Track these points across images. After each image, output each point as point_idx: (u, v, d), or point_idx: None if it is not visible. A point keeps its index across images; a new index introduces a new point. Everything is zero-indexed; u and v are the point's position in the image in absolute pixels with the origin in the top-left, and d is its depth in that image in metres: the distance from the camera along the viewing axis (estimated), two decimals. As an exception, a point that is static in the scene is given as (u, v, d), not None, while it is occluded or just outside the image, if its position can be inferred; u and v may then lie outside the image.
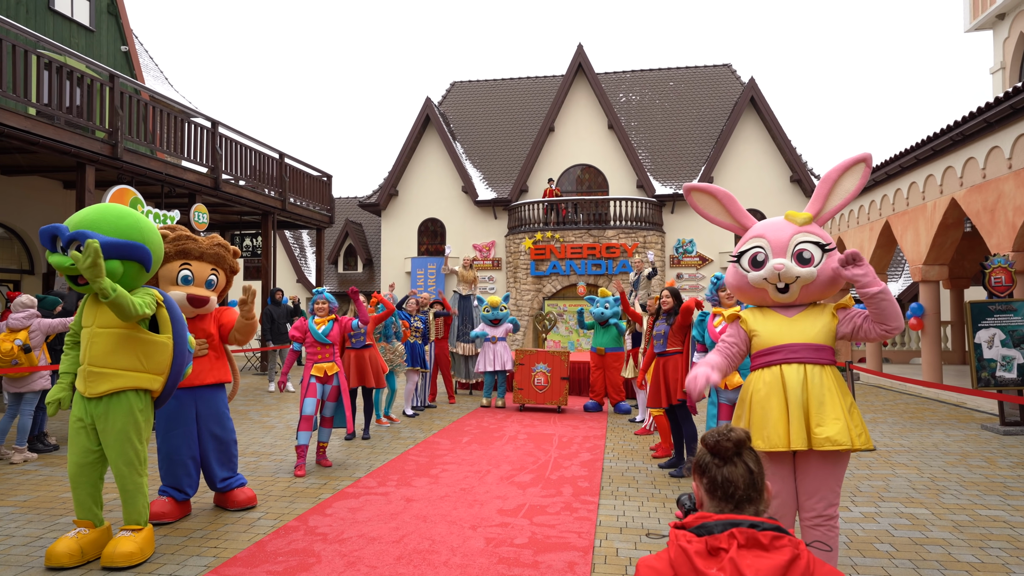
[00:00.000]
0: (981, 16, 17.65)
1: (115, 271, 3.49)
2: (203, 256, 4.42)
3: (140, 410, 3.61)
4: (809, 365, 2.89)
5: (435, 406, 9.44)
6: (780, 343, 2.96)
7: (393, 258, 22.27)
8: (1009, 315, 7.66)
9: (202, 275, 4.39)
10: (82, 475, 3.57)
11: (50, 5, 12.31)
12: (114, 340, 3.54)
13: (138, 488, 3.60)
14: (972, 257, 15.46)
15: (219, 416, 4.52)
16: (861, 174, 2.96)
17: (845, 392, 2.92)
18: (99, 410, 3.53)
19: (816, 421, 2.81)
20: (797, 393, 2.85)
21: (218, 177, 11.81)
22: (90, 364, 3.52)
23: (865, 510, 4.58)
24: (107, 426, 3.52)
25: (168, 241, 4.31)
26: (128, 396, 3.57)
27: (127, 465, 3.56)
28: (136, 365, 3.58)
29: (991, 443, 6.98)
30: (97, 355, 3.52)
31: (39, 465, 5.81)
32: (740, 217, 3.22)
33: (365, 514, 4.39)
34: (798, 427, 2.82)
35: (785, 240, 2.96)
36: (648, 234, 19.48)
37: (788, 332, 2.96)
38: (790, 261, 2.93)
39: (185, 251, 4.36)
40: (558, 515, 4.40)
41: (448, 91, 25.35)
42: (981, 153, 9.61)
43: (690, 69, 24.43)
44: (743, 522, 1.41)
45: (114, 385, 3.52)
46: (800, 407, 2.84)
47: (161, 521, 4.15)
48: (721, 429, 1.56)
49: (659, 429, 6.26)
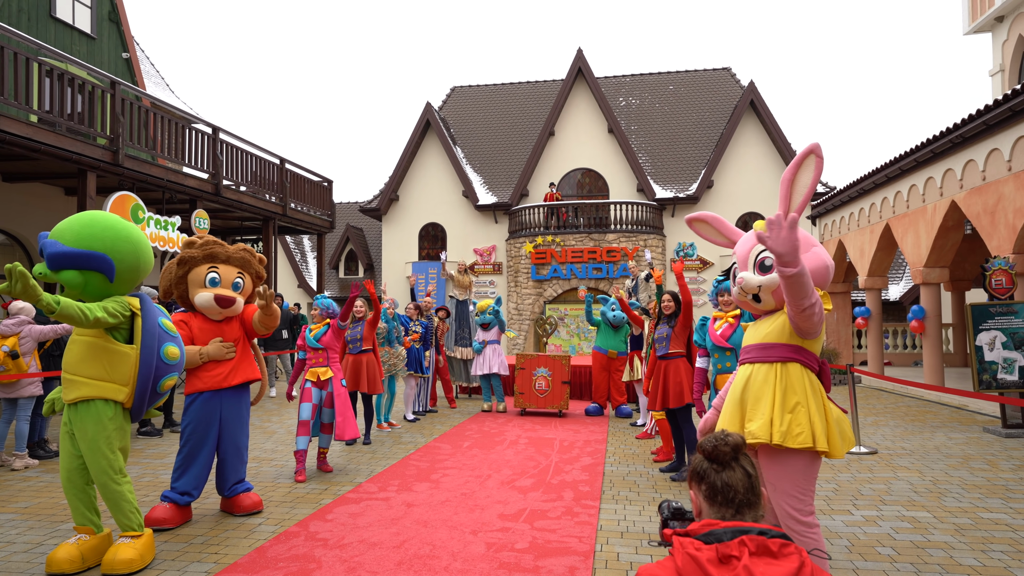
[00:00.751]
0: (980, 19, 17.67)
1: (72, 281, 3.47)
2: (229, 260, 4.51)
3: (109, 418, 3.57)
4: (757, 364, 2.99)
5: (436, 411, 9.43)
6: (743, 346, 3.14)
7: (394, 263, 22.28)
8: (1010, 317, 7.66)
9: (228, 278, 4.48)
10: (70, 480, 3.58)
11: (51, 12, 12.36)
12: (84, 348, 3.56)
13: (119, 496, 3.58)
14: (973, 259, 15.45)
15: (241, 421, 4.57)
16: (814, 166, 2.96)
17: (797, 390, 2.89)
18: (75, 417, 3.56)
19: (748, 417, 2.93)
20: (737, 391, 3.00)
21: (219, 183, 11.84)
22: (65, 371, 3.58)
23: (867, 513, 4.57)
24: (80, 434, 3.54)
25: (196, 247, 4.44)
26: (96, 405, 3.56)
27: (102, 473, 3.55)
28: (102, 374, 3.57)
29: (993, 446, 6.97)
30: (70, 362, 3.57)
31: (40, 471, 5.81)
32: (730, 234, 3.39)
33: (366, 519, 4.38)
34: (732, 423, 2.97)
35: (747, 253, 3.08)
36: (649, 238, 19.49)
37: (750, 335, 3.12)
38: (752, 271, 3.03)
39: (212, 255, 4.46)
40: (559, 520, 4.40)
41: (448, 96, 25.40)
42: (981, 155, 9.62)
43: (690, 73, 24.47)
44: (752, 529, 1.41)
45: (82, 393, 3.53)
46: (737, 404, 2.98)
47: (162, 527, 4.15)
48: (717, 434, 1.56)
49: (661, 432, 6.26)
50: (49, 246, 3.42)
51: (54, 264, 3.42)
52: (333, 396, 5.77)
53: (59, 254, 3.42)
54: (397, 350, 8.13)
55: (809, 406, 2.90)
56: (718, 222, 3.43)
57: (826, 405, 2.95)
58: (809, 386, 2.94)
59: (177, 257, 4.49)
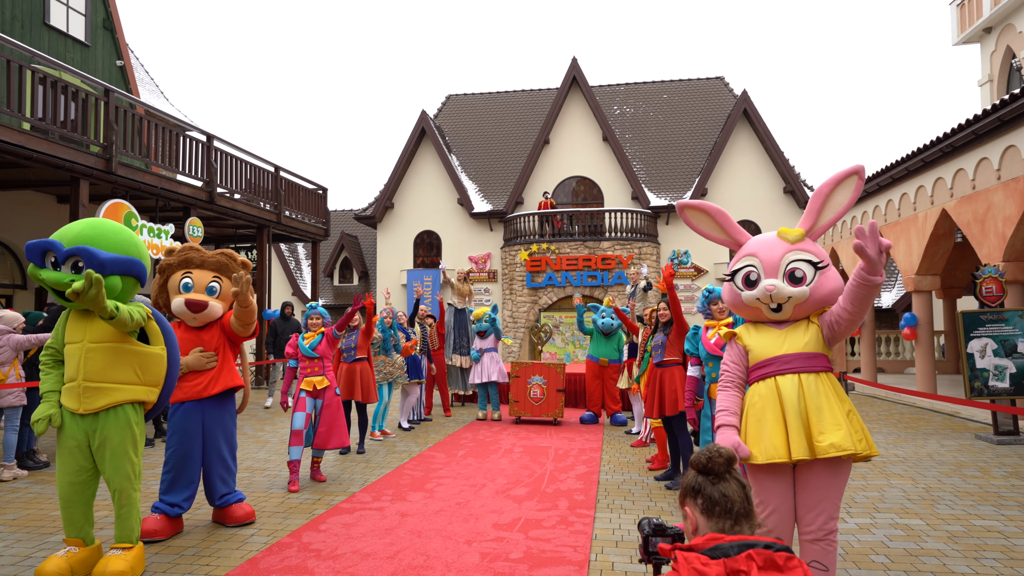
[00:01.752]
0: (968, 30, 17.87)
1: (115, 287, 3.50)
2: (204, 264, 4.48)
3: (136, 423, 3.60)
4: (804, 374, 2.89)
5: (431, 419, 9.41)
6: (773, 355, 2.96)
7: (389, 271, 22.26)
8: (1001, 325, 7.71)
9: (203, 282, 4.43)
10: (76, 494, 3.53)
11: (45, 20, 12.35)
12: (110, 354, 3.52)
13: (133, 503, 3.58)
14: (964, 267, 15.55)
15: (226, 430, 4.53)
16: (854, 187, 2.91)
17: (843, 398, 2.90)
18: (95, 426, 3.50)
19: (818, 429, 2.78)
20: (794, 402, 2.83)
21: (213, 191, 11.82)
22: (86, 380, 3.47)
23: (860, 521, 4.58)
24: (105, 441, 3.49)
25: (174, 254, 4.45)
26: (126, 409, 3.56)
27: (125, 479, 3.53)
28: (133, 378, 3.58)
29: (985, 453, 7.00)
30: (94, 370, 3.49)
31: (29, 482, 5.76)
32: (734, 233, 3.22)
33: (359, 530, 4.36)
34: (798, 437, 2.80)
35: (777, 259, 2.95)
36: (643, 245, 19.54)
37: (780, 344, 2.97)
38: (782, 281, 2.92)
39: (187, 260, 4.46)
40: (554, 529, 4.38)
41: (444, 104, 25.46)
42: (970, 164, 9.70)
43: (683, 82, 24.62)
44: (758, 543, 1.41)
45: (112, 399, 3.50)
46: (798, 416, 2.82)
47: (152, 539, 4.11)
48: (710, 448, 1.56)
49: (657, 440, 6.26)
50: (91, 253, 3.39)
51: (100, 270, 3.40)
52: (326, 406, 5.74)
53: (109, 260, 3.43)
54: (394, 359, 8.11)
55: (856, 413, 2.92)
56: (721, 216, 3.21)
57: None
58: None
59: (157, 267, 4.50)
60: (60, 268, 3.44)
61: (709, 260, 20.55)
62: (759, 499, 2.89)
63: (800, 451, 2.77)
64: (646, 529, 1.69)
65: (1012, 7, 16.33)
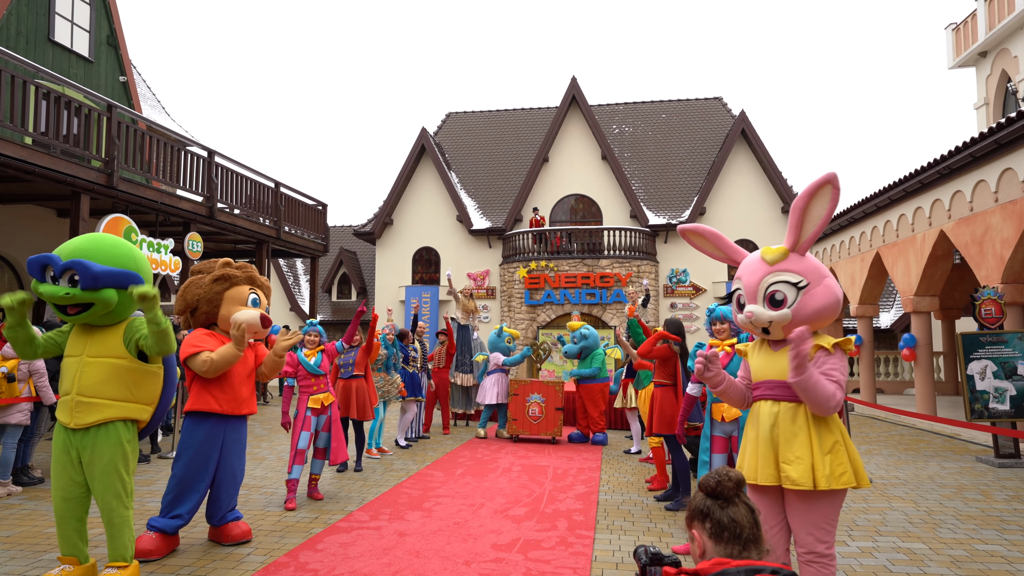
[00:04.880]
0: (964, 54, 18.08)
1: (110, 300, 3.48)
2: (262, 286, 4.62)
3: (128, 440, 3.56)
4: (784, 402, 2.91)
5: (428, 437, 9.35)
6: (762, 378, 3.02)
7: (387, 287, 22.25)
8: (1000, 346, 7.70)
9: (263, 302, 4.59)
10: (68, 510, 3.49)
11: (50, 36, 12.45)
12: (106, 370, 3.51)
13: (124, 521, 3.53)
14: (962, 288, 15.59)
15: (241, 449, 4.52)
16: (830, 196, 2.86)
17: (831, 429, 2.87)
18: (85, 441, 3.47)
19: (784, 459, 2.85)
20: (766, 430, 2.91)
21: (213, 206, 11.85)
22: (79, 394, 3.46)
23: (862, 544, 4.54)
24: (94, 458, 3.46)
25: (235, 266, 4.52)
26: (117, 426, 3.52)
27: (115, 497, 3.49)
28: (127, 395, 3.55)
29: (986, 476, 6.96)
30: (88, 385, 3.47)
31: (24, 499, 5.69)
32: (730, 252, 3.26)
33: (357, 549, 4.31)
34: (765, 463, 2.88)
35: (756, 283, 2.95)
36: (642, 264, 19.57)
37: (769, 367, 2.99)
38: (762, 305, 2.93)
39: (253, 278, 4.55)
40: (553, 550, 4.34)
41: (443, 121, 25.62)
42: (968, 186, 9.76)
43: (682, 102, 24.81)
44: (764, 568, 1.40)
45: (103, 416, 3.47)
46: (769, 444, 2.89)
47: (148, 558, 4.06)
48: (719, 471, 1.55)
49: (655, 460, 6.22)
50: (85, 266, 3.39)
51: (93, 283, 3.39)
52: (331, 421, 5.75)
53: (102, 272, 3.42)
54: (392, 377, 8.08)
55: (846, 443, 2.87)
56: (716, 238, 3.27)
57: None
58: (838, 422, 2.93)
59: (216, 274, 4.43)
60: (58, 282, 3.44)
61: (708, 279, 20.59)
62: None
63: (766, 478, 2.86)
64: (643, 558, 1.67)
65: (1007, 32, 16.55)
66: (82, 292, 3.39)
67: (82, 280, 3.38)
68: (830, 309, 2.90)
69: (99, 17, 13.76)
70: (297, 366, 5.71)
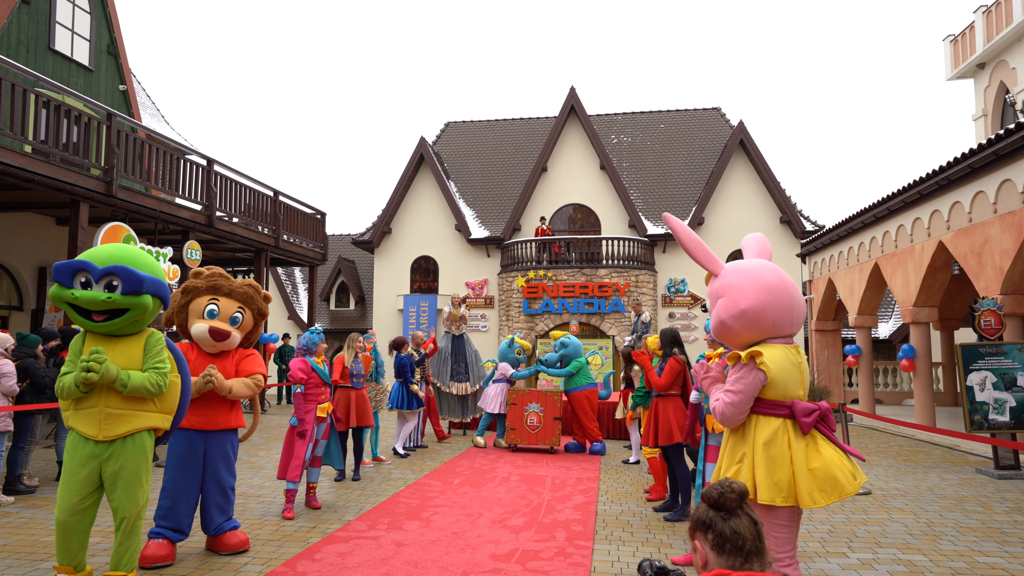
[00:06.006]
0: (962, 65, 18.18)
1: (147, 306, 3.51)
2: (232, 293, 4.50)
3: (149, 449, 3.61)
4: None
5: (426, 446, 9.32)
6: None
7: (385, 295, 22.23)
8: (1000, 358, 7.70)
9: (228, 311, 4.45)
10: (78, 523, 3.47)
11: (50, 45, 12.48)
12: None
13: (137, 532, 3.54)
14: (961, 299, 15.59)
15: (227, 460, 4.47)
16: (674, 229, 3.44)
17: (745, 441, 3.02)
18: (111, 452, 3.46)
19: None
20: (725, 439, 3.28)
21: (212, 214, 11.85)
22: (107, 406, 3.46)
23: (863, 556, 4.51)
24: (121, 469, 3.46)
25: (202, 277, 4.46)
26: (143, 436, 3.56)
27: (134, 506, 3.50)
28: (151, 405, 3.59)
29: (986, 487, 6.94)
30: (116, 397, 3.47)
31: (20, 507, 5.66)
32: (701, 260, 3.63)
33: (355, 559, 4.28)
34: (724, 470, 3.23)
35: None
36: (640, 273, 19.58)
37: None
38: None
39: (215, 287, 4.46)
40: (551, 561, 4.31)
41: (442, 131, 25.69)
42: (967, 197, 9.78)
43: (680, 112, 24.91)
44: None
45: (133, 426, 3.50)
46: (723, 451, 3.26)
47: (162, 564, 4.06)
48: (722, 482, 1.54)
49: (652, 471, 6.19)
50: (130, 271, 3.43)
51: (137, 287, 3.43)
52: (331, 428, 5.77)
53: (147, 279, 3.48)
54: (382, 386, 8.09)
55: (755, 457, 2.87)
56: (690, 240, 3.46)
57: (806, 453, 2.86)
58: (765, 437, 2.90)
59: (182, 286, 4.48)
60: (93, 287, 3.44)
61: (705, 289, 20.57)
62: None
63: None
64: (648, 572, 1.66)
65: (1004, 44, 16.65)
66: (123, 297, 3.41)
67: (125, 285, 3.41)
68: (717, 330, 3.18)
69: (99, 26, 13.81)
70: (311, 373, 5.65)
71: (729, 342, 3.11)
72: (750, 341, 3.07)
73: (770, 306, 2.99)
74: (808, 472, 2.82)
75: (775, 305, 2.99)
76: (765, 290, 3.00)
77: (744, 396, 2.88)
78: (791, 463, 2.85)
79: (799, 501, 2.81)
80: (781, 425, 2.90)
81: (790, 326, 3.07)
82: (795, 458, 2.85)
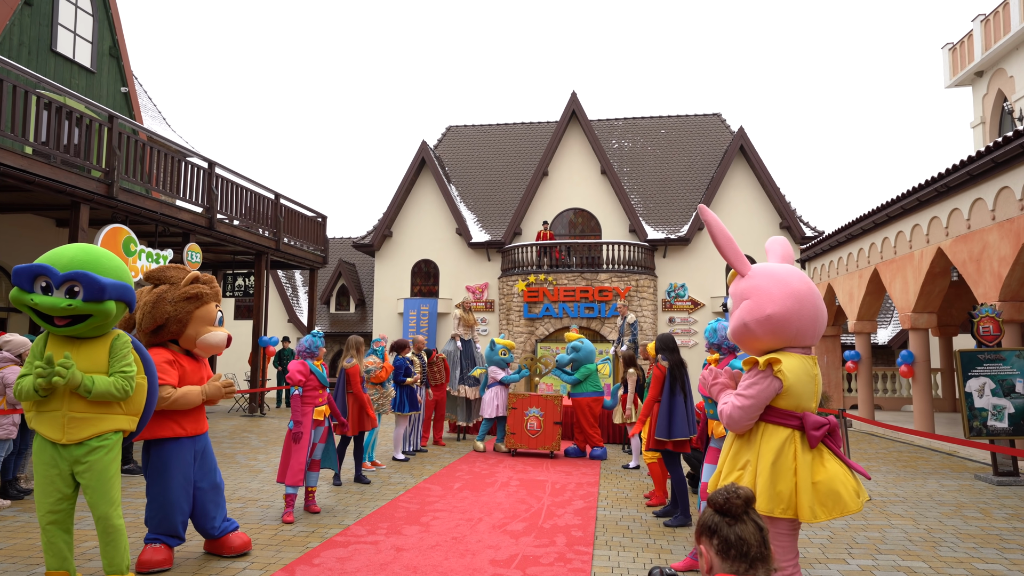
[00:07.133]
0: (960, 73, 18.24)
1: (111, 312, 3.46)
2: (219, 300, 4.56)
3: (117, 447, 3.58)
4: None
5: (426, 450, 9.30)
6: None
7: (386, 299, 22.23)
8: (998, 364, 7.71)
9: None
10: (59, 524, 3.47)
11: (52, 47, 12.51)
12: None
13: (120, 531, 3.52)
14: (960, 305, 15.60)
15: (213, 462, 4.48)
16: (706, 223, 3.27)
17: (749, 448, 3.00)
18: (78, 454, 3.44)
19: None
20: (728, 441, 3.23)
21: (213, 217, 11.85)
22: (71, 410, 3.42)
23: (862, 563, 4.51)
24: (91, 470, 3.44)
25: (207, 284, 4.41)
26: (109, 438, 3.52)
27: (111, 506, 3.48)
28: (117, 408, 3.55)
29: (985, 493, 6.94)
30: (80, 401, 3.44)
31: (16, 511, 5.65)
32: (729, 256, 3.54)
33: (354, 564, 4.28)
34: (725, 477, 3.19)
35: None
36: (640, 278, 19.59)
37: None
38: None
39: (217, 295, 4.48)
40: (552, 566, 4.31)
41: (444, 135, 25.73)
42: (965, 204, 9.80)
43: (681, 118, 24.96)
44: None
45: (97, 429, 3.46)
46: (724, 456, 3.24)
47: (161, 568, 4.05)
48: (728, 488, 1.54)
49: (652, 475, 6.19)
50: (92, 278, 3.36)
51: (99, 295, 3.36)
52: (328, 432, 5.76)
53: (110, 285, 3.42)
54: (387, 390, 8.07)
55: (759, 465, 2.85)
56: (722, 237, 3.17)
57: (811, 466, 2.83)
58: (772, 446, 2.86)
59: (188, 292, 4.28)
60: (53, 293, 3.38)
61: (706, 293, 20.61)
62: None
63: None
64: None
65: (1002, 52, 16.70)
66: (84, 304, 3.35)
67: (87, 291, 3.34)
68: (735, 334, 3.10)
69: (102, 28, 13.84)
70: (309, 376, 5.63)
71: (746, 346, 3.02)
72: (768, 348, 2.98)
73: (796, 314, 2.89)
74: (811, 486, 2.77)
75: (801, 314, 2.90)
76: (793, 297, 2.90)
77: (756, 402, 2.84)
78: (795, 475, 2.79)
79: (799, 514, 2.77)
80: (789, 436, 2.85)
81: (812, 336, 2.98)
82: (800, 470, 2.79)
